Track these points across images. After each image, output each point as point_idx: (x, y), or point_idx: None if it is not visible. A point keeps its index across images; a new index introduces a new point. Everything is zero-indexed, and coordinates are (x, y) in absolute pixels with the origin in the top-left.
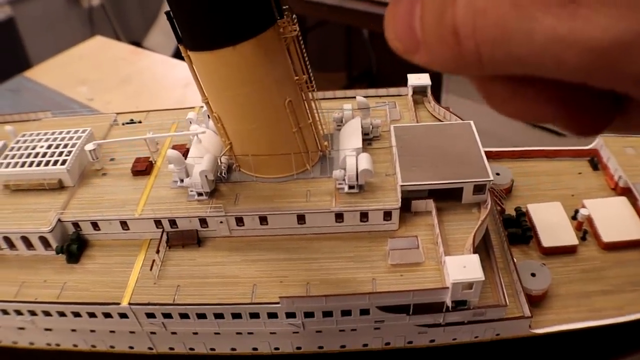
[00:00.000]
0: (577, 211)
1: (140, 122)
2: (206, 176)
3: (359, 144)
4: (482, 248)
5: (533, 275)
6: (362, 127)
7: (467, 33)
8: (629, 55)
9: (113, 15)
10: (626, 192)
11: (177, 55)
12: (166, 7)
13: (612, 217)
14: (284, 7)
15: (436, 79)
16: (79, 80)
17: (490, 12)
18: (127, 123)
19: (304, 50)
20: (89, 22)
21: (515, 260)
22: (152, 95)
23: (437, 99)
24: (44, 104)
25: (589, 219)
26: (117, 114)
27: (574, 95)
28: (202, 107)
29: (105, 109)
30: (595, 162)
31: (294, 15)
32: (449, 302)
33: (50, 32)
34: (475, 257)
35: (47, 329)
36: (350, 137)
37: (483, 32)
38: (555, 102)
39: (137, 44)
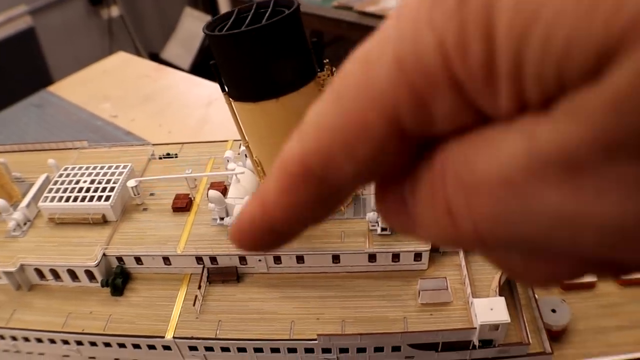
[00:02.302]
0: None
1: (176, 155)
2: None
3: None
4: (505, 284)
5: (553, 311)
6: None
7: (462, 213)
8: None
9: (132, 26)
10: None
11: (195, 69)
12: (185, 21)
13: None
14: (325, 61)
15: None
16: (102, 96)
17: (481, 191)
18: (164, 157)
19: None
20: (108, 33)
21: (536, 296)
22: (175, 114)
23: None
24: (68, 119)
25: None
26: (154, 145)
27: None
28: (235, 140)
29: (129, 126)
30: None
31: (333, 68)
32: (475, 341)
33: (70, 41)
34: (502, 300)
35: (91, 357)
36: None
37: (478, 212)
38: (581, 262)
39: (155, 55)
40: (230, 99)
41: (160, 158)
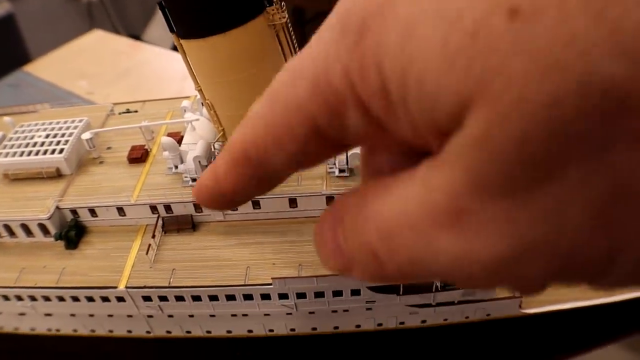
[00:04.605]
0: None
1: (136, 111)
2: (199, 162)
3: None
4: None
5: None
6: None
7: (385, 256)
8: (521, 266)
9: (112, 9)
10: None
11: (176, 48)
12: None
13: None
14: None
15: None
16: (78, 74)
17: (396, 236)
18: (124, 112)
19: (294, 38)
20: (88, 17)
21: None
22: (151, 88)
23: None
24: (43, 98)
25: None
26: (114, 104)
27: None
28: (196, 96)
29: (105, 102)
30: None
31: (282, 3)
32: (437, 282)
33: (50, 27)
34: None
35: (47, 314)
36: None
37: (398, 255)
38: None
39: (137, 37)
40: (180, 40)
41: (120, 114)
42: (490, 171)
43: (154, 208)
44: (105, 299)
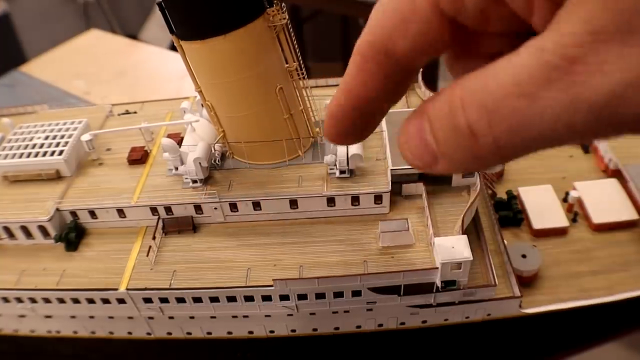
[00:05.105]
0: (567, 193)
1: (135, 112)
2: (200, 163)
3: None
4: (473, 231)
5: (524, 256)
6: None
7: (484, 131)
8: (625, 102)
9: (108, 9)
10: (616, 174)
11: (173, 47)
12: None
13: (602, 199)
14: None
15: (433, 66)
16: (74, 74)
17: (502, 107)
18: (123, 114)
19: (294, 39)
20: (85, 16)
21: (505, 242)
22: (148, 88)
23: (434, 85)
24: (40, 98)
25: (580, 201)
26: (113, 105)
27: None
28: (196, 96)
29: (102, 102)
30: (586, 145)
31: (282, 4)
32: (438, 283)
33: (46, 27)
34: (464, 238)
35: (47, 316)
36: None
37: (499, 127)
38: None
39: (133, 37)
40: (180, 42)
41: (119, 115)
42: (608, 18)
43: (154, 210)
44: (105, 301)
